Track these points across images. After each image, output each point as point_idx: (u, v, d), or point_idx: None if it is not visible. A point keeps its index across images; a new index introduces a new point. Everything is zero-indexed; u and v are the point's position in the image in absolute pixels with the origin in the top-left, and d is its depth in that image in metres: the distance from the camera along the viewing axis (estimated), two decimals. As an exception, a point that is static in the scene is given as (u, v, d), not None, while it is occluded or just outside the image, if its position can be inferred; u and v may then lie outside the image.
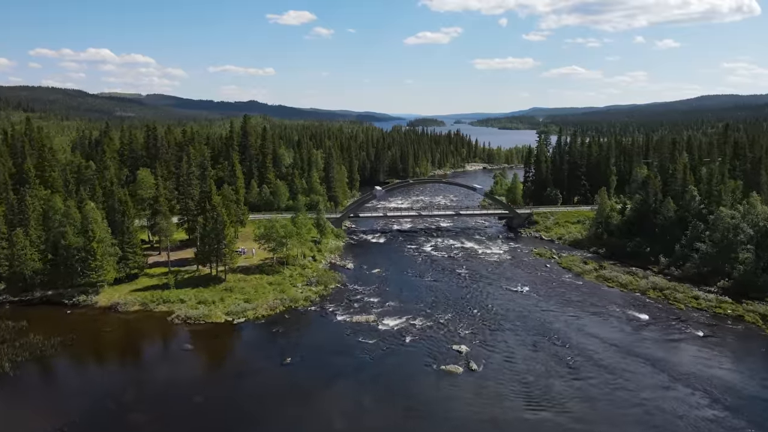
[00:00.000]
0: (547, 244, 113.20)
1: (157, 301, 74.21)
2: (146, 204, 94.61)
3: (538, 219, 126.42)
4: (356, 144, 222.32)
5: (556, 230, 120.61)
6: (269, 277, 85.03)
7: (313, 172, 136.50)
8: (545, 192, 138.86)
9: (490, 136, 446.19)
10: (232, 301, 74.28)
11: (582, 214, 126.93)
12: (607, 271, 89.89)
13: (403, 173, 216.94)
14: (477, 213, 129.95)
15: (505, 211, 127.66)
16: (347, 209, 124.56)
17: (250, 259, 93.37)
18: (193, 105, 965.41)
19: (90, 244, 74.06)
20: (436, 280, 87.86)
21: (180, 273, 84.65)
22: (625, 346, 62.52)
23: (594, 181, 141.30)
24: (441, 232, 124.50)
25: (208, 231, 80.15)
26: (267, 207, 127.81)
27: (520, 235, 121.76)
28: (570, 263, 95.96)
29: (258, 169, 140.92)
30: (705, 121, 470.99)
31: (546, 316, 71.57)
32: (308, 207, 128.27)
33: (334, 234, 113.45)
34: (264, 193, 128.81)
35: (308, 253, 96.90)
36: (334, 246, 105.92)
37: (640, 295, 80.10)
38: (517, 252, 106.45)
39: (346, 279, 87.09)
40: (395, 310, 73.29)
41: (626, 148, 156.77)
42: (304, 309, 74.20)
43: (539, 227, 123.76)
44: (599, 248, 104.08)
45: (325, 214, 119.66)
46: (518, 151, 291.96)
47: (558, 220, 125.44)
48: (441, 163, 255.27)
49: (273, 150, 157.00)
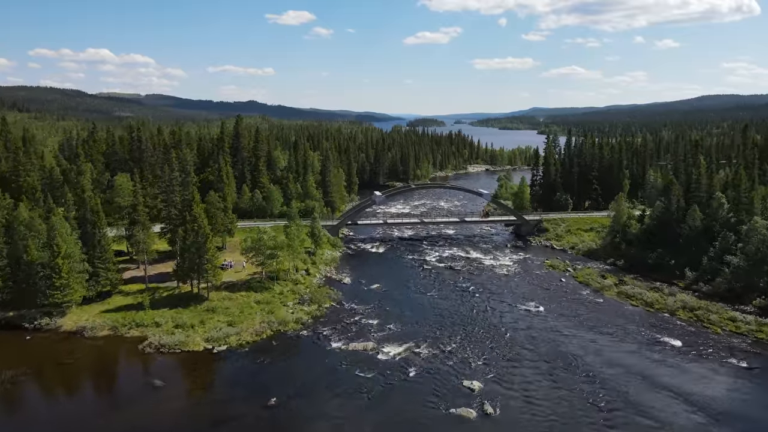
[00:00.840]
0: (559, 254, 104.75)
1: (130, 324, 65.77)
2: (124, 212, 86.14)
3: (547, 226, 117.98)
4: (355, 145, 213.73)
5: (567, 239, 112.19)
6: (257, 294, 76.56)
7: (309, 176, 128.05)
8: (554, 197, 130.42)
9: (491, 136, 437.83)
10: (214, 325, 65.85)
11: (595, 221, 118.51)
12: (629, 287, 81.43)
13: (404, 175, 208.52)
14: (483, 220, 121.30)
15: (512, 217, 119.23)
16: (345, 216, 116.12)
17: (239, 273, 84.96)
18: (192, 105, 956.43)
19: (55, 260, 65.63)
20: (440, 297, 79.45)
21: (158, 290, 76.22)
22: (658, 379, 54.31)
23: (605, 185, 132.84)
24: (445, 240, 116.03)
25: (188, 245, 71.70)
26: (259, 213, 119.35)
27: (529, 243, 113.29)
28: (587, 277, 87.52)
29: (251, 173, 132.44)
30: (709, 121, 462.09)
31: (566, 342, 63.19)
32: (303, 213, 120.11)
33: (330, 243, 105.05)
34: (256, 199, 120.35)
35: (301, 266, 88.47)
36: (329, 257, 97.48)
37: (668, 315, 71.69)
38: (528, 263, 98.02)
39: (342, 296, 78.66)
40: (396, 335, 64.91)
41: (638, 150, 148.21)
42: (294, 333, 65.77)
43: (549, 235, 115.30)
44: (617, 259, 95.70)
45: (320, 222, 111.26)
46: (521, 152, 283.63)
47: (569, 227, 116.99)
48: (442, 165, 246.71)
49: (268, 152, 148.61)
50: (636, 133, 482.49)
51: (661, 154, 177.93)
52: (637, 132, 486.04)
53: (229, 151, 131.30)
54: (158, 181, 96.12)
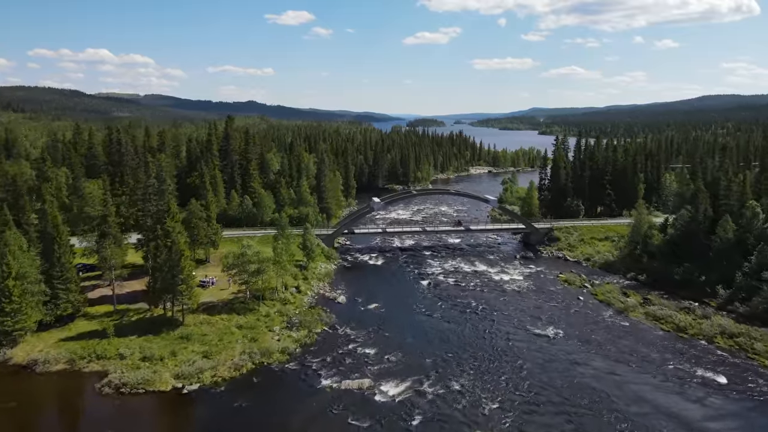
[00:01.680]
0: (573, 266, 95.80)
1: (90, 356, 56.83)
2: (94, 223, 77.19)
3: (559, 235, 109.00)
4: (353, 147, 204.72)
5: (581, 249, 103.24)
6: (240, 317, 67.66)
7: (303, 181, 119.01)
8: (565, 203, 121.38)
9: (492, 136, 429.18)
10: (187, 356, 56.88)
11: (609, 229, 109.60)
12: (656, 308, 72.45)
13: (404, 178, 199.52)
14: (489, 228, 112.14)
15: (521, 225, 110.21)
16: (341, 224, 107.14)
17: (223, 291, 75.91)
18: (191, 105, 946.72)
19: (4, 282, 56.68)
20: (445, 319, 70.51)
21: (128, 313, 67.31)
22: (702, 426, 45.51)
23: (619, 190, 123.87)
24: (448, 250, 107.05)
25: (159, 263, 62.74)
26: (250, 221, 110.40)
27: (539, 254, 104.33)
28: (607, 295, 78.56)
29: (241, 177, 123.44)
30: (713, 121, 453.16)
31: (590, 377, 54.32)
32: (297, 221, 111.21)
33: (324, 255, 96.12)
34: (246, 205, 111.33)
35: (291, 283, 79.48)
36: (323, 271, 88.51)
37: (705, 343, 62.77)
38: (540, 278, 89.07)
39: (335, 319, 69.67)
40: (396, 369, 55.99)
41: (651, 153, 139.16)
42: (279, 367, 56.82)
43: (561, 245, 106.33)
44: (638, 273, 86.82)
45: (314, 231, 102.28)
46: (524, 153, 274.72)
47: (582, 236, 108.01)
48: (444, 167, 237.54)
49: (260, 154, 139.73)
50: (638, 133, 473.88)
51: (672, 156, 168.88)
52: (640, 132, 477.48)
53: (218, 154, 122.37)
54: (138, 187, 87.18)
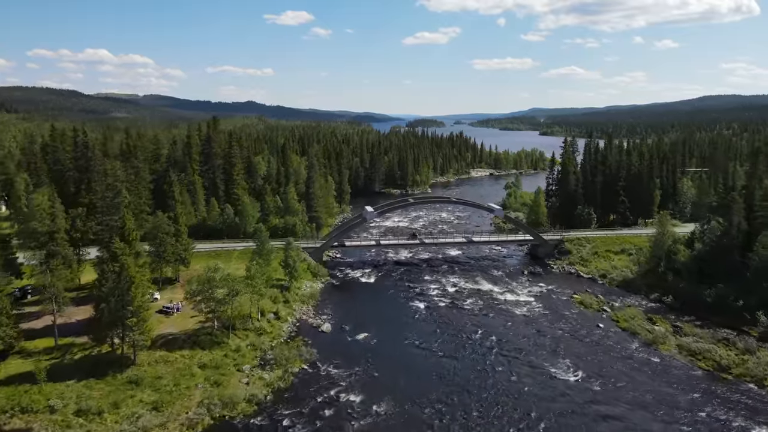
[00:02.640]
0: (587, 284, 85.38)
1: (14, 408, 46.43)
2: (42, 240, 66.71)
3: (570, 247, 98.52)
4: (349, 149, 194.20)
5: (595, 263, 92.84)
6: (205, 353, 57.24)
7: (290, 188, 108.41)
8: (575, 211, 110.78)
9: (492, 137, 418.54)
10: (132, 409, 46.50)
11: (625, 241, 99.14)
12: (690, 339, 61.98)
13: (402, 182, 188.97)
14: (494, 240, 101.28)
15: (528, 236, 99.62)
16: (331, 236, 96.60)
17: (191, 319, 65.26)
18: (190, 106, 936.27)
19: None
20: (445, 354, 60.07)
21: (72, 349, 56.74)
22: None
23: (633, 197, 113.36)
24: (448, 264, 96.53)
25: (105, 292, 52.30)
26: (231, 232, 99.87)
27: (549, 269, 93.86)
28: (630, 321, 68.10)
29: (225, 183, 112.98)
30: (718, 121, 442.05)
31: (627, 440, 43.85)
32: (283, 232, 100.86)
33: (311, 271, 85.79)
34: (227, 215, 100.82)
35: (269, 308, 68.99)
36: (308, 292, 77.99)
37: (755, 387, 52.32)
38: (552, 299, 78.58)
39: (317, 354, 59.18)
40: (387, 425, 45.56)
41: (666, 156, 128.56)
42: (243, 422, 46.44)
43: (573, 258, 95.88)
44: (663, 294, 76.40)
45: (301, 244, 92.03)
46: (527, 155, 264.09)
47: (596, 248, 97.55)
48: (444, 170, 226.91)
49: (248, 158, 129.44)
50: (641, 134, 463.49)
51: (686, 158, 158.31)
52: (642, 133, 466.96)
53: (198, 158, 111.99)
54: (96, 198, 76.78)
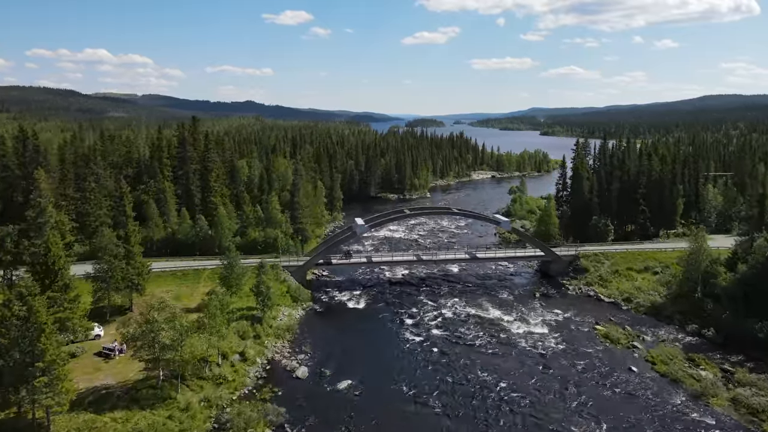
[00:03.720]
0: (609, 309, 73.30)
1: None
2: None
3: (586, 264, 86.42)
4: (343, 151, 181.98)
5: (617, 283, 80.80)
6: (144, 414, 45.13)
7: (272, 196, 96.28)
8: (590, 221, 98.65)
9: (492, 137, 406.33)
10: None
11: (648, 256, 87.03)
12: (747, 392, 49.81)
13: (399, 185, 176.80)
14: (500, 257, 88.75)
15: (539, 252, 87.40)
16: (316, 252, 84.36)
17: (136, 363, 52.83)
18: (188, 105, 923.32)
19: None
20: (447, 412, 48.00)
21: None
22: None
23: (654, 205, 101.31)
24: (449, 284, 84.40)
25: (6, 344, 40.17)
26: (205, 247, 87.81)
27: (564, 290, 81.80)
28: (670, 364, 55.99)
29: (202, 191, 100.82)
30: (724, 121, 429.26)
31: None
32: (263, 246, 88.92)
33: (291, 295, 73.81)
34: (200, 227, 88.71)
35: (234, 347, 56.85)
36: (284, 323, 65.86)
37: None
38: (570, 330, 66.45)
39: (286, 414, 47.00)
40: None
41: (688, 159, 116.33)
42: None
43: (591, 277, 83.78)
44: (702, 326, 64.38)
45: (281, 261, 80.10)
46: (530, 156, 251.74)
47: (615, 265, 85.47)
48: (443, 172, 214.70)
49: (230, 161, 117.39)
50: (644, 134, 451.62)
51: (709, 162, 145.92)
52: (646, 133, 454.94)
53: (169, 163, 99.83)
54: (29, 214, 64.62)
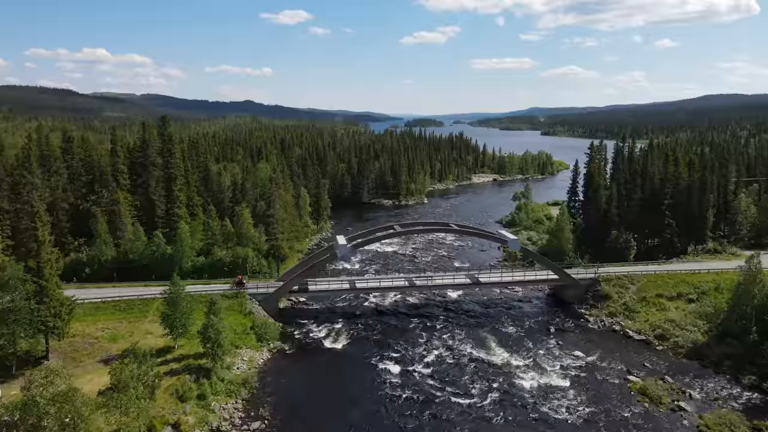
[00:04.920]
0: (640, 350, 59.93)
1: None
2: None
3: (607, 289, 72.92)
4: (335, 153, 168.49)
5: (645, 314, 67.46)
6: None
7: (243, 208, 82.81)
8: (608, 236, 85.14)
9: (493, 137, 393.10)
10: None
11: (681, 280, 73.54)
12: None
13: (394, 190, 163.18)
14: (507, 281, 74.77)
15: (552, 275, 73.76)
16: (290, 276, 70.72)
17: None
18: (187, 105, 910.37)
19: None
20: None
21: None
22: None
23: (681, 217, 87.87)
24: (448, 314, 70.92)
25: None
26: (164, 269, 74.13)
27: (583, 321, 68.38)
28: (733, 439, 42.59)
29: (166, 202, 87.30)
30: (730, 121, 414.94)
31: None
32: (229, 267, 75.56)
33: (255, 332, 60.29)
34: (157, 245, 75.19)
35: (166, 416, 43.38)
36: (241, 374, 52.36)
37: None
38: (597, 381, 52.99)
39: None
40: None
41: (714, 165, 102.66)
42: None
43: (614, 305, 70.31)
44: (763, 379, 51.16)
45: (247, 288, 66.73)
46: (533, 158, 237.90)
47: (643, 291, 72.06)
48: (442, 175, 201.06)
49: (204, 167, 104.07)
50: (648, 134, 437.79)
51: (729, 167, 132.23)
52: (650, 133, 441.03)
53: (126, 170, 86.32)
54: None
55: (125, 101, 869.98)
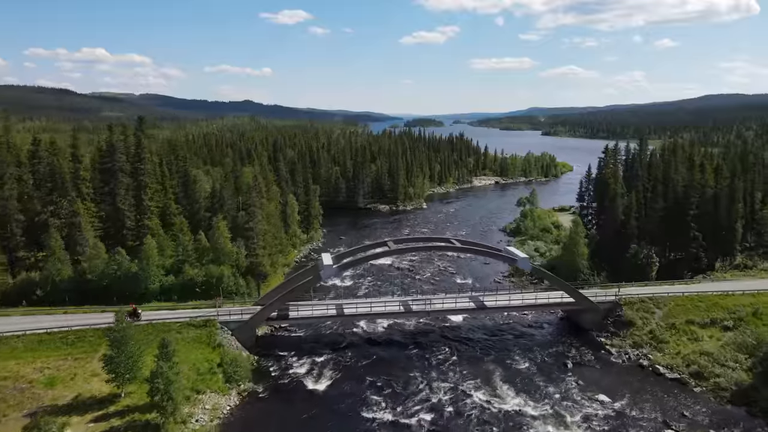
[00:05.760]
0: (676, 392, 50.67)
1: None
2: None
3: (631, 314, 63.66)
4: (329, 155, 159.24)
5: (676, 344, 58.35)
6: None
7: (219, 220, 73.55)
8: (626, 251, 75.97)
9: (493, 138, 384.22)
10: None
11: (713, 303, 64.35)
12: None
13: (391, 194, 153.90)
14: (516, 305, 65.11)
15: (567, 298, 64.41)
16: (270, 298, 61.43)
17: None
18: (186, 105, 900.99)
19: None
20: None
21: None
22: None
23: (708, 228, 78.66)
24: (448, 343, 61.65)
25: None
26: (128, 290, 64.98)
27: (605, 353, 59.17)
28: None
29: (136, 212, 78.06)
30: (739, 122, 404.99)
31: None
32: (202, 288, 66.58)
33: (223, 370, 50.98)
34: (118, 263, 65.91)
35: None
36: (200, 428, 43.12)
37: None
38: (629, 436, 43.81)
39: None
40: None
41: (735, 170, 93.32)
42: None
43: (639, 334, 61.09)
44: (832, 438, 41.64)
45: (219, 314, 57.73)
46: (537, 160, 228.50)
47: (671, 316, 62.88)
48: (442, 178, 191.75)
49: (184, 172, 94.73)
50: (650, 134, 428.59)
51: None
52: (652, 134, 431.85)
53: (89, 177, 77.12)
54: None
55: (123, 101, 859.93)
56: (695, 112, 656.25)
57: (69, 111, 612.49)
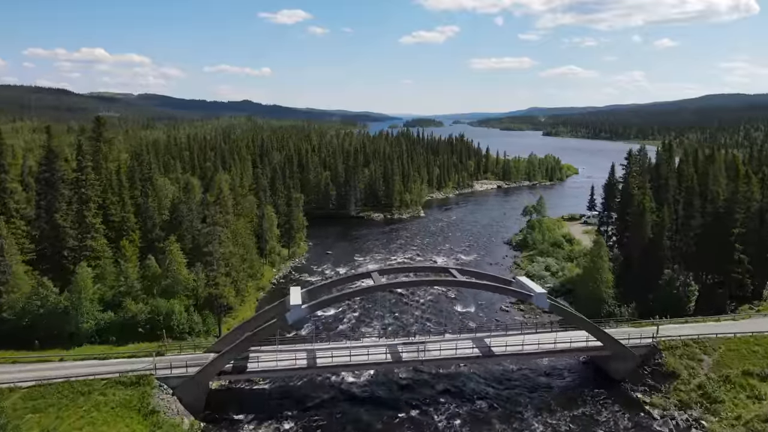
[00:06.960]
0: (748, 483, 37.93)
1: None
2: None
3: (673, 362, 50.99)
4: (319, 159, 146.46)
5: (732, 403, 46.01)
6: None
7: (171, 241, 60.76)
8: (660, 277, 63.27)
9: (494, 138, 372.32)
10: None
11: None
12: None
13: (386, 200, 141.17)
14: (529, 352, 51.59)
15: (591, 339, 51.52)
16: (225, 344, 48.73)
17: None
18: (184, 105, 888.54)
19: None
20: None
21: None
22: None
23: (752, 249, 65.89)
24: (447, 399, 49.03)
25: None
26: (56, 330, 52.48)
27: (645, 416, 46.46)
28: None
29: (78, 231, 65.32)
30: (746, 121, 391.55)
31: None
32: (146, 328, 54.03)
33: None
34: (42, 297, 53.28)
35: None
36: None
37: None
38: None
39: None
40: None
41: None
42: None
43: (684, 389, 48.49)
44: None
45: (152, 370, 45.25)
46: (541, 162, 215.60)
47: (723, 365, 50.29)
48: (441, 182, 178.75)
49: (150, 179, 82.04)
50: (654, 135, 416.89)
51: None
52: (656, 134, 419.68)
53: (18, 189, 64.50)
54: None
55: (121, 101, 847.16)
56: (697, 112, 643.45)
57: (67, 111, 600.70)
